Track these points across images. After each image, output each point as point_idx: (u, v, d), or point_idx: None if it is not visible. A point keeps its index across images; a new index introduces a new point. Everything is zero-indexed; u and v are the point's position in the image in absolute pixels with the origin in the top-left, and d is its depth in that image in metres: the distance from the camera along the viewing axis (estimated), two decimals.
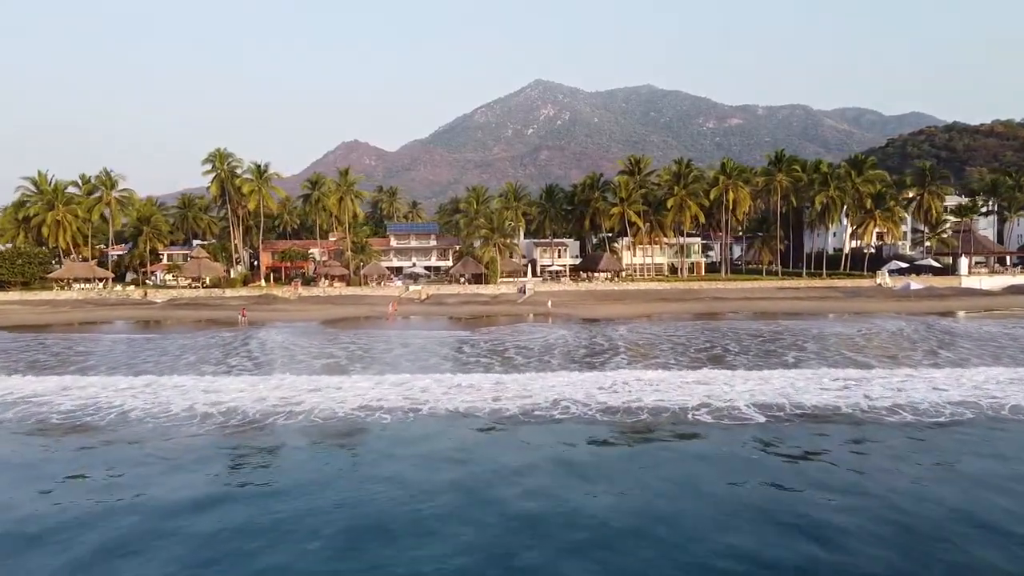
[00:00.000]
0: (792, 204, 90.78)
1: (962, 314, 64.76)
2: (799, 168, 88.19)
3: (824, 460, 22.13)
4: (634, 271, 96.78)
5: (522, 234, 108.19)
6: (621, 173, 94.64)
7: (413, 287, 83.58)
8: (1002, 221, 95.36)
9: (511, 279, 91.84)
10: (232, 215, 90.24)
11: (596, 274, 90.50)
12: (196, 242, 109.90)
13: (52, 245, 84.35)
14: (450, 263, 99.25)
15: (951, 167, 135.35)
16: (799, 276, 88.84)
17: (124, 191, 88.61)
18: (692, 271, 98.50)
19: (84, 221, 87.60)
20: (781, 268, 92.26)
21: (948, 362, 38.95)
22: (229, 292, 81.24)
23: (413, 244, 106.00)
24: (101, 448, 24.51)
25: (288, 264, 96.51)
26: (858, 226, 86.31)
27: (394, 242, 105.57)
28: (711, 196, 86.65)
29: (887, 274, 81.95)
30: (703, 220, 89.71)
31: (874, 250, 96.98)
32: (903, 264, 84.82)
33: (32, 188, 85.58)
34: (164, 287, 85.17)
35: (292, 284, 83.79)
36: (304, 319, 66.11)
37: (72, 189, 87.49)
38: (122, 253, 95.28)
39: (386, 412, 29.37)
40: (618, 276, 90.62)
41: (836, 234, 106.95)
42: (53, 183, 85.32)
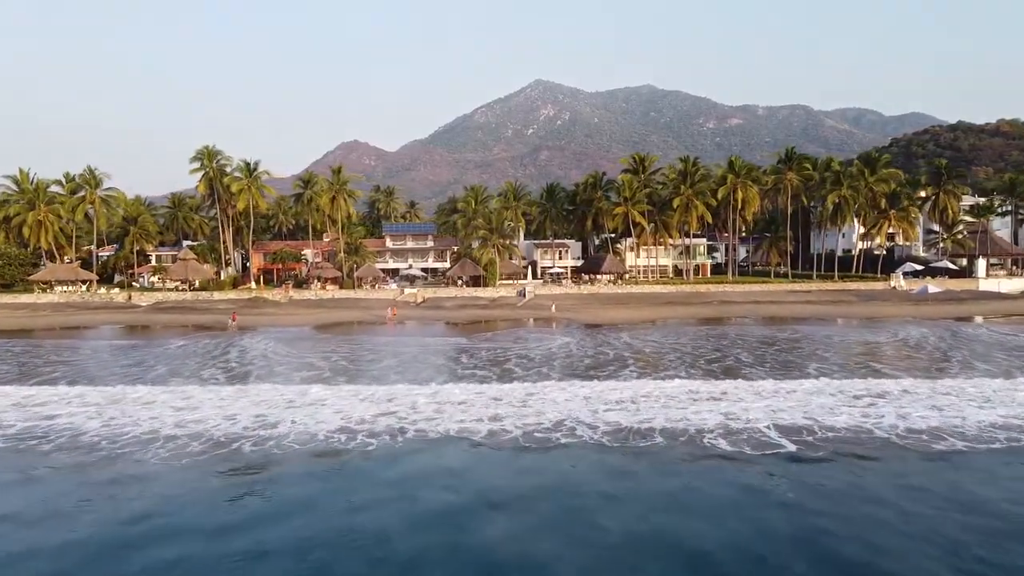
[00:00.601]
0: (803, 203, 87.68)
1: (980, 319, 61.82)
2: (810, 166, 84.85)
3: (871, 503, 19.04)
4: (637, 273, 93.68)
5: (522, 235, 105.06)
6: (625, 172, 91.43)
7: (409, 290, 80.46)
8: (1018, 222, 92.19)
9: (510, 281, 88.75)
10: (222, 215, 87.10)
11: (599, 276, 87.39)
12: (187, 243, 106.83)
13: (34, 246, 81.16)
14: (448, 265, 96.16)
15: (957, 167, 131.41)
16: (809, 278, 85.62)
17: (109, 190, 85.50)
18: (697, 273, 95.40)
19: (67, 221, 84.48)
20: (791, 270, 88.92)
21: (985, 374, 35.90)
22: (217, 295, 78.10)
23: (410, 245, 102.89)
24: (29, 482, 21.38)
25: (280, 266, 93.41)
26: (872, 227, 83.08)
27: (390, 243, 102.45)
28: (719, 196, 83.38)
29: (901, 277, 78.84)
30: (710, 220, 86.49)
31: (885, 251, 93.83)
32: (918, 266, 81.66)
33: (13, 187, 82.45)
34: (152, 290, 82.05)
35: (283, 287, 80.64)
36: (293, 324, 62.99)
37: (55, 188, 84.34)
38: (111, 254, 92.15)
39: (371, 435, 26.34)
40: (621, 278, 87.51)
41: (845, 235, 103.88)
42: (35, 182, 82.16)
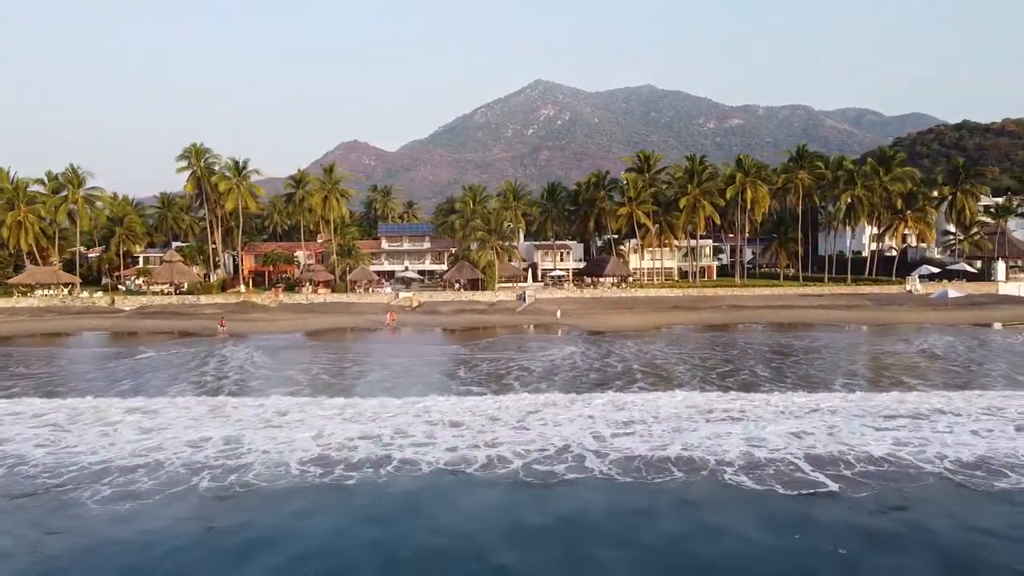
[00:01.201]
0: (815, 203, 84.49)
1: (999, 325, 58.72)
2: (822, 165, 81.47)
3: (939, 558, 15.85)
4: (642, 276, 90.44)
5: (522, 236, 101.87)
6: (629, 171, 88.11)
7: (404, 294, 77.26)
8: None
9: (510, 284, 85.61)
10: (210, 215, 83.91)
11: (601, 279, 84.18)
12: (176, 244, 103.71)
13: (13, 247, 77.88)
14: (445, 267, 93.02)
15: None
16: (820, 282, 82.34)
17: (93, 189, 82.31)
18: (703, 275, 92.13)
19: (50, 222, 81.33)
20: (802, 273, 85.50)
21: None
22: (204, 299, 74.89)
23: (406, 246, 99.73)
24: None
25: (271, 268, 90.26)
26: (887, 228, 79.72)
27: (385, 244, 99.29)
28: (727, 195, 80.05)
29: (917, 280, 75.63)
30: (718, 221, 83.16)
31: (896, 253, 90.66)
32: (934, 269, 78.42)
33: None
34: (137, 293, 78.87)
35: (273, 291, 77.46)
36: (281, 330, 59.84)
37: (36, 187, 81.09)
38: (95, 256, 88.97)
39: (350, 466, 23.26)
40: (625, 281, 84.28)
41: (855, 236, 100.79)
42: (15, 181, 78.94)
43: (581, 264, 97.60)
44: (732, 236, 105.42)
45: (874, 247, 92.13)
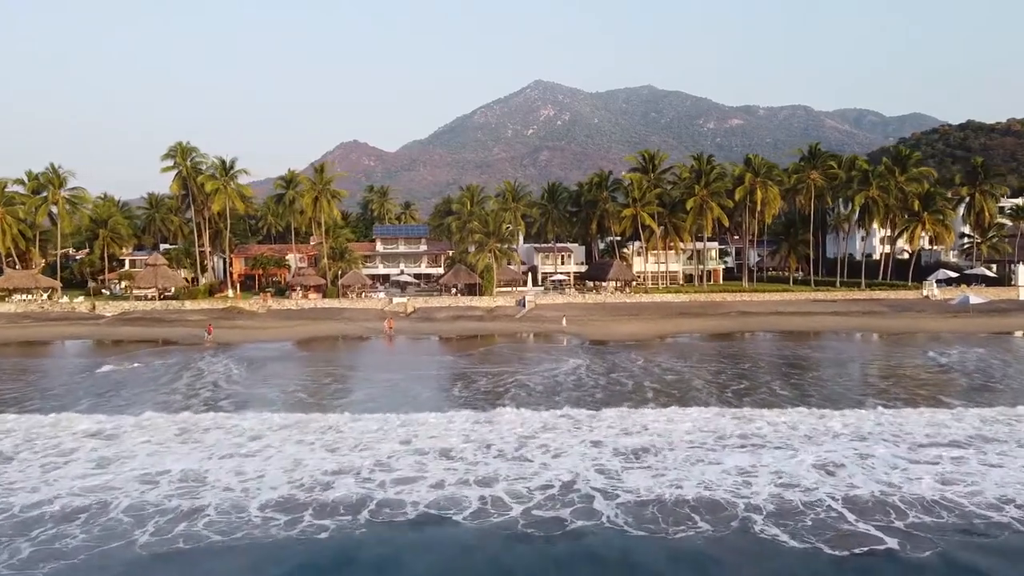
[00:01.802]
0: (828, 203, 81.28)
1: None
2: (835, 165, 77.99)
3: None
4: (646, 280, 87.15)
5: (521, 238, 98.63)
6: (633, 170, 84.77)
7: (398, 299, 73.98)
8: None
9: (508, 288, 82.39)
10: (197, 216, 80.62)
11: (604, 284, 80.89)
12: (164, 246, 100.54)
13: None
14: (442, 270, 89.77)
15: (967, 167, 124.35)
16: (831, 286, 79.07)
17: (75, 189, 78.86)
18: (709, 279, 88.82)
19: (30, 224, 78.01)
20: (813, 277, 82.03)
21: None
22: (189, 304, 71.57)
23: (401, 249, 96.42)
24: None
25: (261, 272, 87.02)
26: (903, 230, 76.46)
27: (380, 247, 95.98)
28: (736, 196, 76.74)
29: (934, 285, 72.40)
30: (727, 223, 79.78)
31: (907, 256, 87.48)
32: (952, 273, 75.15)
33: None
34: (120, 298, 75.53)
35: (261, 296, 74.14)
36: (267, 339, 56.64)
37: (15, 187, 77.72)
38: (76, 260, 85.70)
39: (322, 510, 20.19)
40: (628, 286, 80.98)
41: (865, 238, 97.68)
42: None
43: (583, 267, 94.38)
44: (737, 238, 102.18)
45: (884, 250, 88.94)
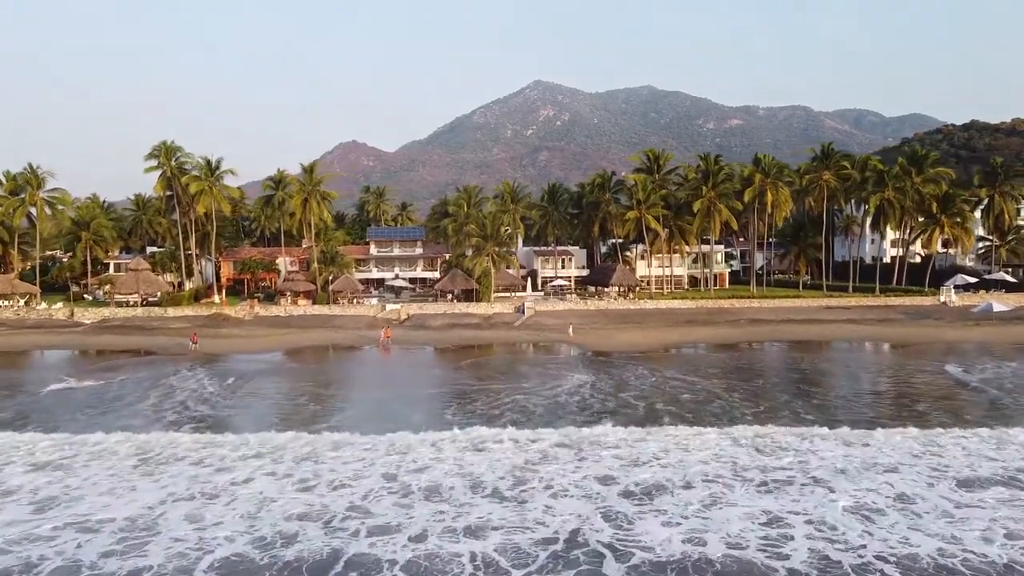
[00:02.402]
0: (840, 205, 78.19)
1: None
2: (848, 165, 74.67)
3: None
4: (649, 284, 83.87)
5: (520, 241, 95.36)
6: (637, 171, 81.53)
7: (391, 306, 70.73)
8: None
9: (507, 294, 79.20)
10: (183, 218, 77.34)
11: (607, 289, 77.60)
12: (151, 249, 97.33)
13: None
14: (438, 274, 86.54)
15: (971, 167, 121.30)
16: (844, 292, 75.79)
17: (54, 191, 75.70)
18: (715, 283, 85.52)
19: (7, 227, 74.82)
20: (824, 282, 78.51)
21: None
22: (172, 311, 68.31)
23: (396, 252, 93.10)
24: None
25: (249, 276, 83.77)
26: (920, 233, 73.20)
27: (374, 250, 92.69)
28: (745, 198, 73.42)
29: (952, 291, 69.22)
30: (735, 226, 76.41)
31: (920, 260, 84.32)
32: (970, 278, 71.91)
33: None
34: (102, 304, 72.27)
35: (248, 302, 70.85)
36: (250, 350, 53.41)
37: None
38: (55, 265, 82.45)
39: (280, 573, 16.93)
40: (632, 291, 77.67)
41: (875, 241, 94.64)
42: None
43: (584, 271, 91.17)
44: (743, 241, 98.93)
45: (894, 253, 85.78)
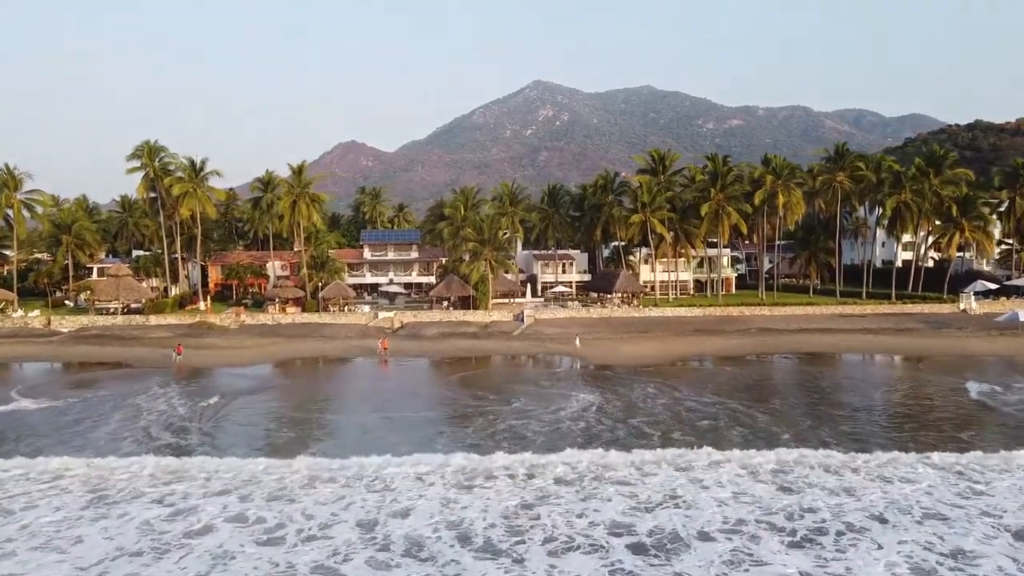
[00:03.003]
0: (854, 207, 74.95)
1: None
2: (863, 166, 71.30)
3: None
4: (654, 289, 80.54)
5: (519, 244, 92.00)
6: (641, 172, 78.21)
7: (384, 313, 67.45)
8: None
9: (506, 300, 76.01)
10: (167, 222, 74.01)
11: (610, 295, 74.30)
12: (137, 253, 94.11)
13: None
14: (434, 279, 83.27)
15: (976, 167, 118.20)
16: (858, 297, 72.49)
17: (32, 192, 72.38)
18: (722, 288, 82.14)
19: None
20: (837, 287, 75.17)
21: None
22: (154, 319, 65.00)
23: (391, 256, 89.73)
24: None
25: (237, 282, 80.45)
26: (939, 236, 69.97)
27: (368, 253, 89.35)
28: (755, 200, 70.09)
29: (972, 297, 66.04)
30: (744, 230, 73.05)
31: (932, 264, 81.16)
32: (991, 284, 68.72)
33: None
34: (81, 312, 68.87)
35: (234, 310, 67.54)
36: (234, 362, 50.19)
37: None
38: (33, 270, 79.08)
39: None
40: (636, 298, 74.33)
41: (886, 244, 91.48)
42: None
43: (586, 276, 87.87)
44: (748, 243, 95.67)
45: (906, 256, 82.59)
